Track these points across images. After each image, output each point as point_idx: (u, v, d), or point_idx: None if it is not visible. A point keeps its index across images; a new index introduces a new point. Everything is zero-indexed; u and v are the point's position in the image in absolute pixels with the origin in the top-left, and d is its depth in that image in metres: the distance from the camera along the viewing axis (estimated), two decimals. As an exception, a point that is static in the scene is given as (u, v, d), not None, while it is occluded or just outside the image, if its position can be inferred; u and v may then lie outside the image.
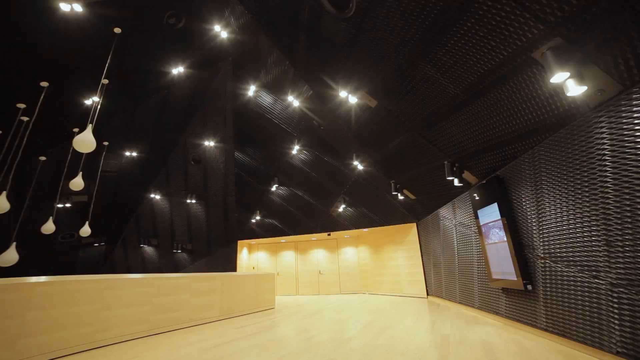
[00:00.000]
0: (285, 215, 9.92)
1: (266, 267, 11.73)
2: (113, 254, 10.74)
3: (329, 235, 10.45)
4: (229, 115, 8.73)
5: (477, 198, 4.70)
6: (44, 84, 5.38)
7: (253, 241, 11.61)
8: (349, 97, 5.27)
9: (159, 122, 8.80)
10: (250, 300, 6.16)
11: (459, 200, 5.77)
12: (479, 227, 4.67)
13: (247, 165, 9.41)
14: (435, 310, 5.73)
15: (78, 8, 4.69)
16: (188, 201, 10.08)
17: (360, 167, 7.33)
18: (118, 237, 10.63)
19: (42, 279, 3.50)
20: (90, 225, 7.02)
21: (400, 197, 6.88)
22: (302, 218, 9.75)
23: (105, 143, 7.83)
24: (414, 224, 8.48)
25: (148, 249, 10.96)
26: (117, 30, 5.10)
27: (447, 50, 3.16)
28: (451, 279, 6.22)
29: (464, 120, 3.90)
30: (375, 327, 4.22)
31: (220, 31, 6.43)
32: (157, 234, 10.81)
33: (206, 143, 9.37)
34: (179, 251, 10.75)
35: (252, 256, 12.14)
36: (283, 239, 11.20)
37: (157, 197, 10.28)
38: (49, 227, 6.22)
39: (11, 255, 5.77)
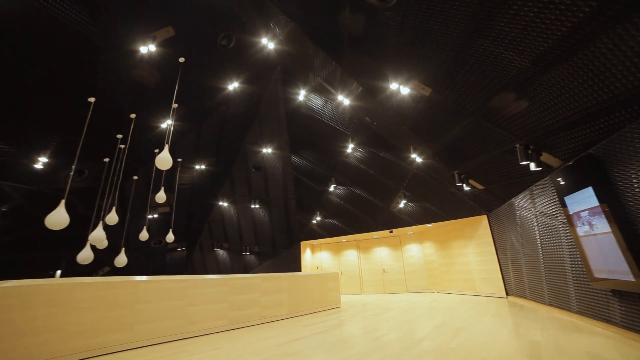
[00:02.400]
0: (344, 214, 9.95)
1: (329, 267, 11.92)
2: (193, 257, 12.11)
3: (390, 232, 10.15)
4: (283, 121, 9.12)
5: (562, 183, 4.05)
6: (133, 115, 6.35)
7: (315, 241, 11.92)
8: (400, 88, 5.05)
9: (221, 136, 9.65)
10: (316, 299, 6.33)
11: (538, 187, 5.05)
12: (568, 217, 4.01)
13: (304, 168, 9.71)
14: (518, 312, 5.11)
15: (152, 48, 5.43)
16: (252, 206, 10.82)
17: (418, 159, 6.96)
18: (195, 242, 11.95)
19: (144, 278, 4.11)
20: (173, 232, 8.04)
21: (466, 188, 6.32)
22: (362, 216, 9.66)
23: (179, 159, 8.87)
24: (484, 217, 7.71)
25: (221, 252, 12.08)
26: (182, 59, 5.74)
27: (509, 19, 2.80)
28: (536, 277, 5.47)
29: (538, 94, 3.40)
30: (447, 329, 3.94)
31: (267, 43, 6.77)
32: (227, 238, 11.85)
33: (264, 150, 9.94)
34: (248, 253, 11.61)
35: (315, 256, 12.47)
36: (344, 238, 11.25)
37: (225, 204, 11.27)
38: (144, 235, 7.31)
39: (122, 258, 6.96)
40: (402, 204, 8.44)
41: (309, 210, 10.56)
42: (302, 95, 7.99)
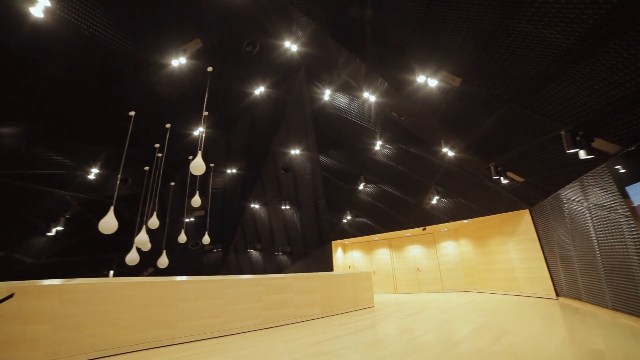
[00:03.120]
0: (375, 212, 9.80)
1: (361, 266, 11.80)
2: (228, 258, 12.59)
3: (424, 230, 9.82)
4: (309, 121, 9.19)
5: (622, 171, 3.64)
6: (168, 125, 6.74)
7: (346, 241, 11.87)
8: (427, 81, 4.86)
9: (250, 140, 9.93)
10: (349, 298, 6.29)
11: (590, 177, 4.59)
12: (632, 209, 3.58)
13: (332, 168, 9.71)
14: (572, 316, 4.68)
15: (183, 60, 5.73)
16: (283, 207, 11.02)
17: (450, 153, 6.66)
18: (230, 243, 12.41)
19: (184, 278, 4.35)
20: (208, 235, 8.42)
21: (504, 182, 5.93)
22: (393, 214, 9.45)
23: (212, 165, 9.26)
24: (526, 211, 7.18)
25: (254, 253, 12.45)
26: (210, 69, 5.99)
27: (547, -4, 2.57)
28: (593, 277, 4.96)
29: (586, 74, 3.09)
30: (489, 331, 3.72)
31: (291, 45, 6.85)
32: (259, 239, 12.18)
33: (292, 152, 10.08)
34: (280, 253, 11.84)
35: (346, 255, 12.42)
36: (376, 237, 11.08)
37: (257, 206, 11.59)
38: (182, 237, 7.74)
39: (164, 260, 7.43)
40: (434, 200, 8.13)
41: (339, 209, 10.54)
42: (327, 95, 8.00)
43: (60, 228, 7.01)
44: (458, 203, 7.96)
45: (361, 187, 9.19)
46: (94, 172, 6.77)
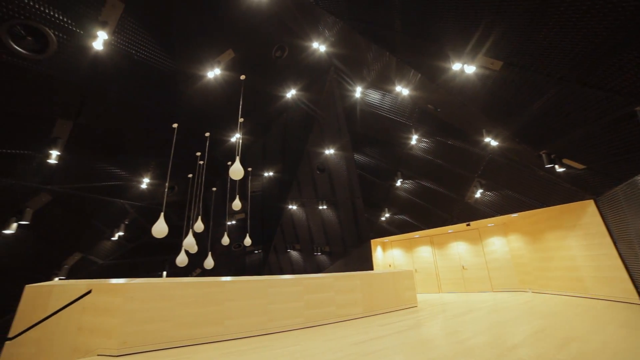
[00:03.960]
0: (414, 209, 9.46)
1: (402, 264, 11.47)
2: (269, 258, 13.00)
3: (468, 225, 9.28)
4: (342, 120, 9.16)
5: None
6: (207, 134, 7.15)
7: (386, 239, 11.63)
8: (464, 68, 4.58)
9: (284, 142, 10.16)
10: (390, 297, 6.15)
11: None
12: None
13: (368, 165, 9.58)
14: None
15: (218, 71, 6.04)
16: (320, 207, 11.11)
17: (494, 143, 6.20)
18: (270, 244, 12.80)
19: (229, 278, 4.56)
20: (250, 237, 8.77)
21: (560, 170, 5.36)
22: (434, 210, 9.05)
23: (249, 169, 9.64)
24: (591, 202, 6.41)
25: (294, 253, 12.70)
26: (243, 77, 6.23)
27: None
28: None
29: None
30: (551, 337, 3.38)
31: (319, 46, 6.88)
32: (298, 239, 12.40)
33: (327, 152, 10.12)
34: (319, 253, 11.94)
35: (386, 254, 12.16)
36: (416, 234, 10.70)
37: (294, 207, 11.81)
38: (225, 240, 8.16)
39: (210, 261, 7.90)
40: (478, 193, 7.63)
41: (376, 207, 10.35)
42: (358, 92, 7.91)
43: (121, 233, 7.78)
44: (505, 196, 7.38)
45: (398, 183, 8.93)
46: (145, 182, 7.41)
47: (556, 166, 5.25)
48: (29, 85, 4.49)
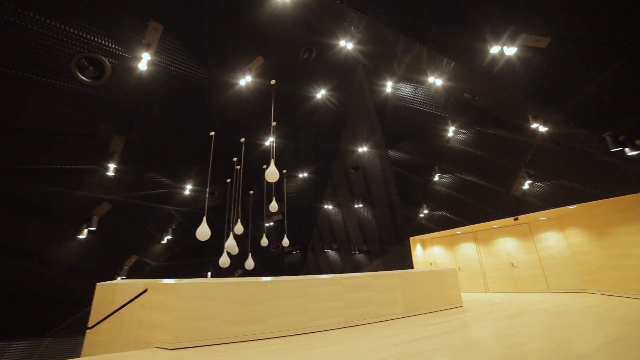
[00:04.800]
0: (455, 204, 8.99)
1: (444, 262, 10.96)
2: (307, 258, 13.18)
3: (515, 220, 8.59)
4: (374, 117, 9.02)
5: None
6: (242, 140, 7.46)
7: (425, 236, 11.20)
8: (503, 50, 4.26)
9: (317, 143, 10.24)
10: (433, 297, 5.91)
11: None
12: None
13: (403, 161, 9.32)
14: None
15: (249, 78, 6.28)
16: (356, 206, 11.02)
17: (542, 129, 5.68)
18: (307, 244, 12.97)
19: (269, 278, 4.72)
20: (287, 237, 8.97)
21: (631, 153, 4.70)
22: (476, 204, 8.52)
23: (284, 171, 9.85)
24: (672, 189, 5.54)
25: (331, 253, 12.74)
26: (273, 81, 6.40)
27: None
28: None
29: None
30: (633, 347, 2.89)
31: (346, 44, 6.83)
32: (335, 239, 12.41)
33: (360, 149, 10.02)
34: (357, 252, 11.85)
35: (426, 252, 11.71)
36: (458, 231, 10.16)
37: (330, 207, 11.86)
38: (264, 241, 8.44)
39: (250, 262, 8.23)
40: (526, 185, 7.03)
41: (414, 204, 10.01)
42: (389, 87, 7.73)
43: (169, 237, 8.42)
44: (559, 186, 6.70)
45: (436, 178, 8.55)
46: (188, 188, 7.93)
47: (626, 149, 4.62)
48: (90, 107, 5.04)
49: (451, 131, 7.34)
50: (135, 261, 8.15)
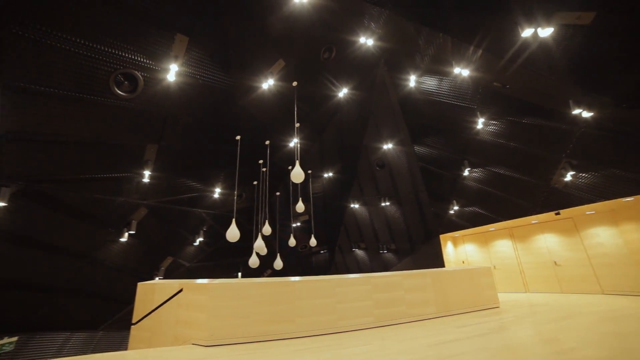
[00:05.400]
0: (487, 199, 8.55)
1: (477, 261, 10.45)
2: (335, 258, 13.16)
3: (557, 214, 7.98)
4: (398, 113, 8.82)
5: None
6: (267, 142, 7.61)
7: (456, 233, 10.76)
8: (537, 32, 3.98)
9: (341, 142, 10.21)
10: (467, 297, 5.66)
11: None
12: None
13: (430, 157, 9.03)
14: None
15: (271, 82, 6.39)
16: (382, 204, 10.85)
17: (586, 114, 5.22)
18: (334, 244, 12.95)
19: (297, 278, 4.76)
20: (314, 237, 9.01)
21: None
22: (511, 199, 8.04)
23: (309, 171, 9.91)
24: None
25: (359, 252, 12.62)
26: (295, 83, 6.46)
27: None
28: None
29: None
30: None
31: (366, 40, 6.74)
32: (363, 238, 12.28)
33: (385, 147, 9.85)
34: (385, 251, 11.64)
35: (458, 250, 11.24)
36: (492, 227, 9.63)
37: (356, 205, 11.76)
38: (291, 241, 8.54)
39: (279, 262, 8.37)
40: (568, 176, 6.50)
41: (443, 200, 9.66)
42: (412, 81, 7.52)
43: (201, 239, 8.79)
44: (610, 176, 6.13)
45: (466, 173, 8.18)
46: (217, 192, 8.23)
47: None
48: (126, 119, 5.40)
49: (480, 123, 6.99)
50: (170, 262, 8.61)
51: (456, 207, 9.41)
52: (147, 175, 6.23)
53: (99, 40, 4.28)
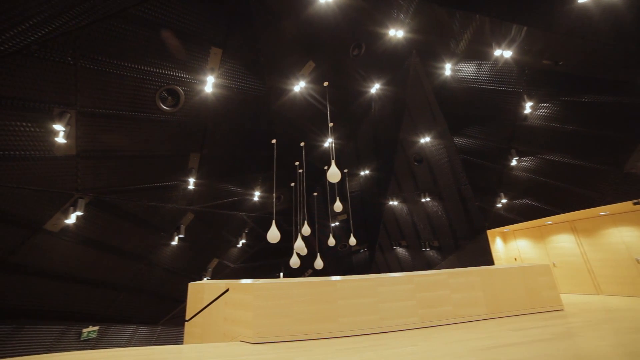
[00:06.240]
0: (541, 190, 7.77)
1: (532, 257, 9.56)
2: (375, 257, 12.92)
3: (635, 204, 6.97)
4: (434, 104, 8.43)
5: None
6: (302, 144, 7.73)
7: (505, 228, 9.95)
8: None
9: (376, 138, 10.01)
10: (522, 297, 5.20)
11: None
12: None
13: (471, 148, 8.49)
14: None
15: (302, 84, 6.48)
16: (422, 200, 10.43)
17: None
18: (374, 242, 12.72)
19: (338, 278, 4.76)
20: (354, 236, 8.94)
21: None
22: (571, 189, 7.22)
23: (345, 170, 9.86)
24: None
25: (400, 250, 12.25)
26: (326, 83, 6.48)
27: None
28: None
29: None
30: None
31: (396, 32, 6.53)
32: (403, 235, 11.91)
33: (422, 140, 9.47)
34: (427, 249, 11.17)
35: (508, 246, 10.39)
36: (548, 220, 8.74)
37: (395, 202, 11.44)
38: (331, 241, 8.57)
39: (319, 262, 8.45)
40: (645, 159, 5.66)
41: (489, 193, 9.00)
42: (448, 69, 7.13)
43: (244, 241, 9.19)
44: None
45: (514, 162, 7.53)
46: (256, 195, 8.55)
47: None
48: (171, 132, 5.84)
49: (528, 107, 6.38)
50: (216, 263, 9.12)
51: (504, 200, 8.70)
52: (192, 182, 6.67)
53: (144, 62, 4.68)
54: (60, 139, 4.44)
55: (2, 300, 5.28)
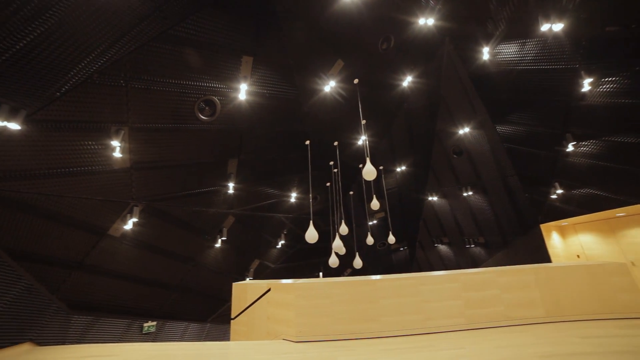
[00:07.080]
0: (608, 177, 6.84)
1: (600, 254, 8.53)
2: (416, 255, 12.47)
3: None
4: (471, 91, 7.92)
5: None
6: (336, 143, 7.72)
7: (563, 222, 9.02)
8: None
9: (411, 133, 9.67)
10: (589, 300, 4.65)
11: None
12: None
13: (516, 135, 7.84)
14: None
15: (333, 83, 6.47)
16: (464, 194, 9.86)
17: None
18: (415, 240, 12.28)
19: (379, 277, 4.65)
20: (393, 234, 8.71)
21: None
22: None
23: (381, 167, 9.65)
24: None
25: (442, 247, 11.69)
26: (356, 81, 6.40)
27: None
28: None
29: None
30: None
31: (426, 21, 6.24)
32: (445, 232, 11.34)
33: (460, 132, 8.96)
34: (472, 246, 10.51)
35: (568, 241, 9.40)
36: (619, 212, 7.73)
37: (434, 198, 10.95)
38: (369, 239, 8.44)
39: (358, 261, 8.37)
40: None
41: (540, 183, 8.21)
42: (485, 53, 6.66)
43: (283, 242, 9.41)
44: None
45: (570, 148, 6.79)
46: (293, 196, 8.70)
47: None
48: (210, 140, 6.18)
49: (587, 85, 5.70)
50: (258, 264, 9.46)
51: (560, 191, 7.88)
52: (231, 187, 6.99)
53: (182, 76, 5.01)
54: (117, 154, 4.93)
55: (83, 294, 6.01)
